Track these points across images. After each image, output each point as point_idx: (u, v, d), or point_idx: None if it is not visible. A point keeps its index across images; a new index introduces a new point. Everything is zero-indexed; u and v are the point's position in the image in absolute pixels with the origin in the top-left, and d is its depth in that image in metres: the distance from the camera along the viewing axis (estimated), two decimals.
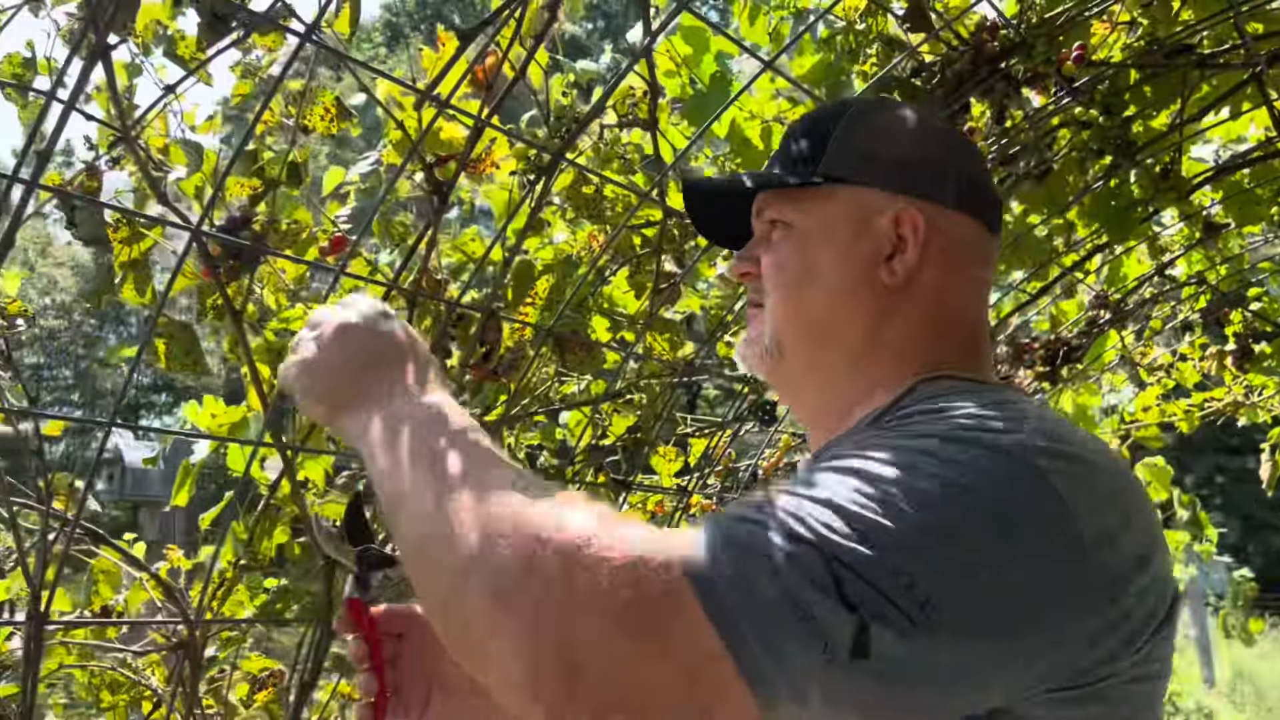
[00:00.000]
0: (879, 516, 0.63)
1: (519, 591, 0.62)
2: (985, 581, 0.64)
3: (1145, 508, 0.77)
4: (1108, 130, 1.75)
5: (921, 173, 0.93)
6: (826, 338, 0.92)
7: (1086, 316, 2.72)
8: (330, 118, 1.33)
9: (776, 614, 0.60)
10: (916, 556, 0.62)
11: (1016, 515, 0.67)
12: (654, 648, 0.60)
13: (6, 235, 1.08)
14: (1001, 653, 0.65)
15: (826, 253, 0.92)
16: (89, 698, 1.81)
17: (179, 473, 1.63)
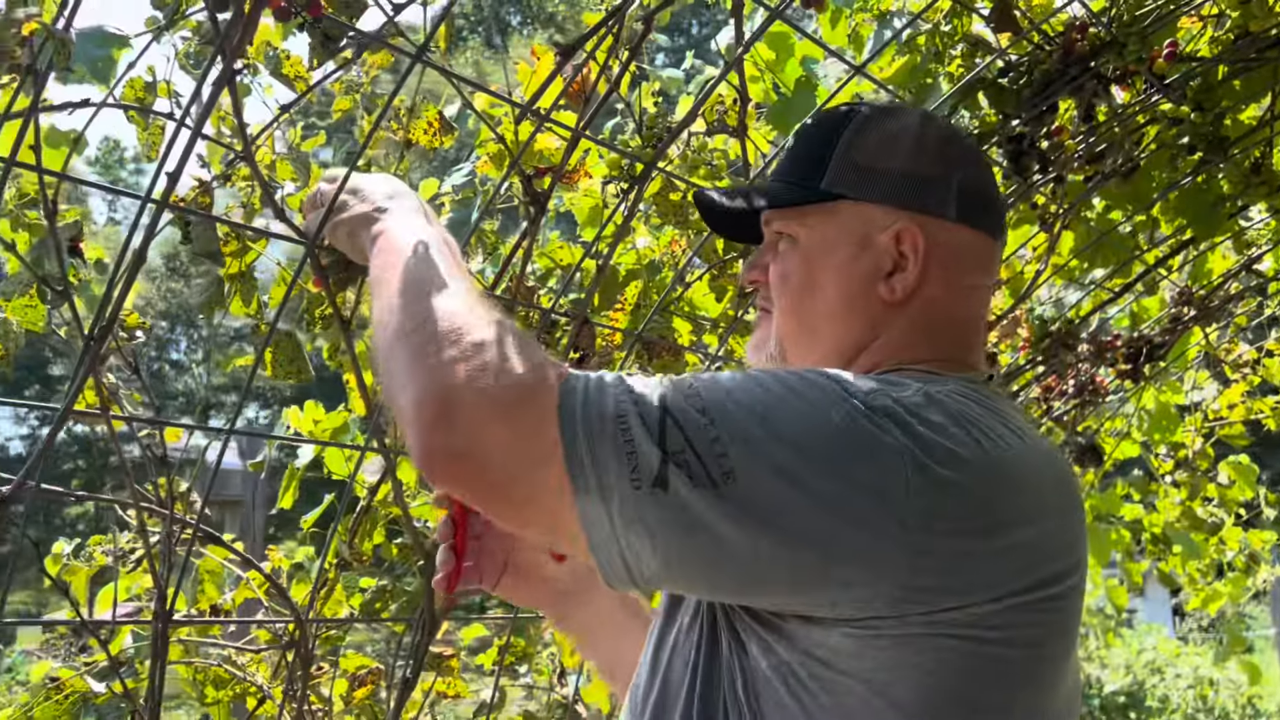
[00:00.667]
0: (726, 402, 0.76)
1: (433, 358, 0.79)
2: (786, 482, 0.73)
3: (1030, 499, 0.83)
4: (1199, 126, 1.73)
5: (923, 187, 0.95)
6: (822, 346, 0.98)
7: (1170, 313, 2.68)
8: (433, 132, 1.37)
9: (607, 432, 0.73)
10: (737, 438, 0.74)
11: (846, 447, 0.75)
12: (507, 417, 0.75)
13: (140, 250, 1.13)
14: (777, 552, 0.74)
15: (828, 268, 0.97)
16: (194, 693, 1.87)
17: (285, 476, 1.68)
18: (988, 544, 0.78)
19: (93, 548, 1.81)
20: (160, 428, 1.34)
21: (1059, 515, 0.85)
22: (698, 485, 0.72)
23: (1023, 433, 0.86)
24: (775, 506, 0.73)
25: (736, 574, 0.75)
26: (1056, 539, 0.84)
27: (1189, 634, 12.34)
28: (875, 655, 0.76)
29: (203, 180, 1.44)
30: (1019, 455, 0.83)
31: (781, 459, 0.73)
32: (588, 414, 0.74)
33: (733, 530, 0.72)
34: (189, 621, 1.54)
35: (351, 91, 1.55)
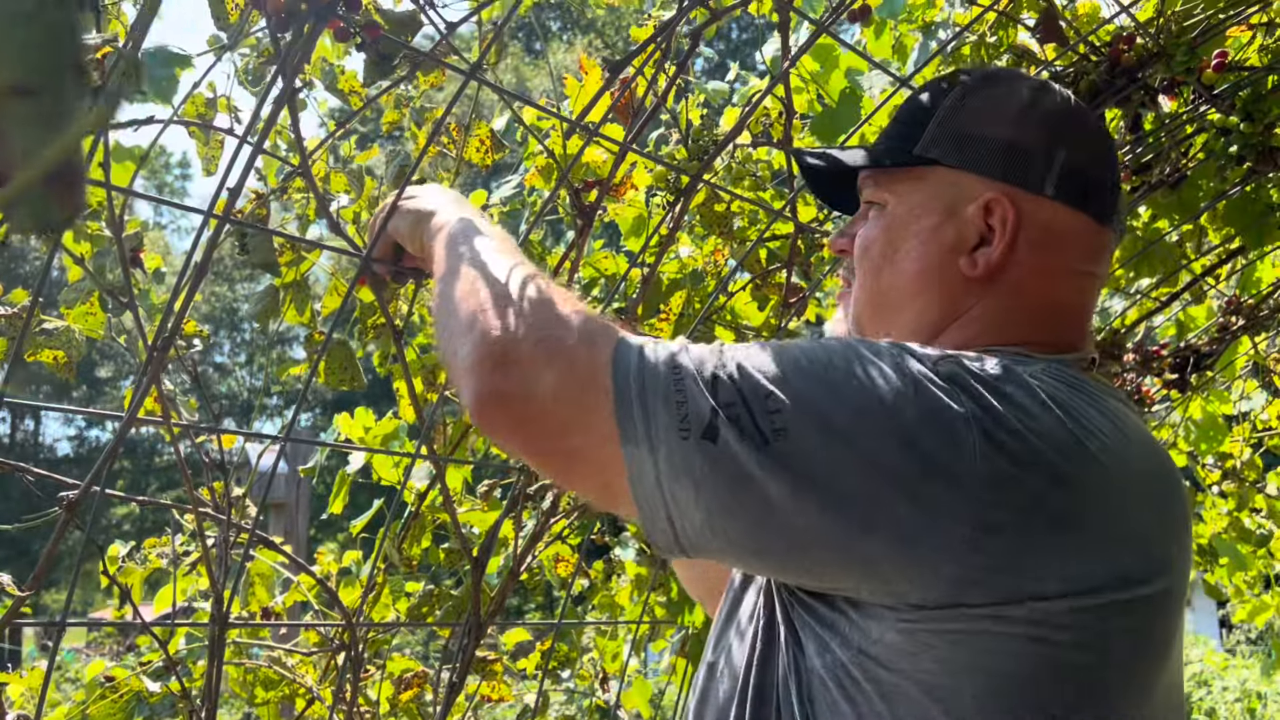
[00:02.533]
0: (783, 361, 0.74)
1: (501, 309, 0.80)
2: (841, 443, 0.70)
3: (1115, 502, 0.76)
4: (1249, 136, 1.71)
5: (1020, 158, 0.88)
6: (900, 322, 0.92)
7: (1218, 323, 2.65)
8: (485, 149, 1.40)
9: (659, 383, 0.73)
10: (792, 395, 0.72)
11: (907, 411, 0.71)
12: (566, 366, 0.75)
13: (202, 263, 1.16)
14: (825, 515, 0.70)
15: (909, 237, 0.91)
16: (244, 694, 1.91)
17: (335, 481, 1.72)
18: (1061, 533, 0.72)
19: (148, 550, 1.86)
20: (218, 434, 1.37)
21: (1152, 511, 0.79)
22: (747, 439, 0.70)
23: (1120, 420, 0.80)
24: (826, 467, 0.70)
25: (782, 537, 0.72)
26: (1146, 536, 0.78)
27: (1236, 646, 12.12)
28: (931, 653, 0.71)
29: (259, 193, 1.48)
30: (1109, 444, 0.76)
31: (837, 419, 0.71)
32: (642, 366, 0.74)
33: (780, 488, 0.69)
34: (245, 624, 1.57)
35: (402, 106, 1.59)
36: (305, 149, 1.17)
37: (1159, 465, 0.83)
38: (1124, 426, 0.79)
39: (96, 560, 1.58)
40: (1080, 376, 0.83)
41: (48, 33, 0.28)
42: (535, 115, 1.69)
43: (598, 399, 0.73)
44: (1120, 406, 0.83)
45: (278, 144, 1.52)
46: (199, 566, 1.70)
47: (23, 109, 0.30)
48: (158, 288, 1.60)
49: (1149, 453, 0.82)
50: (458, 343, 0.81)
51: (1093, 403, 0.78)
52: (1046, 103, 0.92)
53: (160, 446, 26.04)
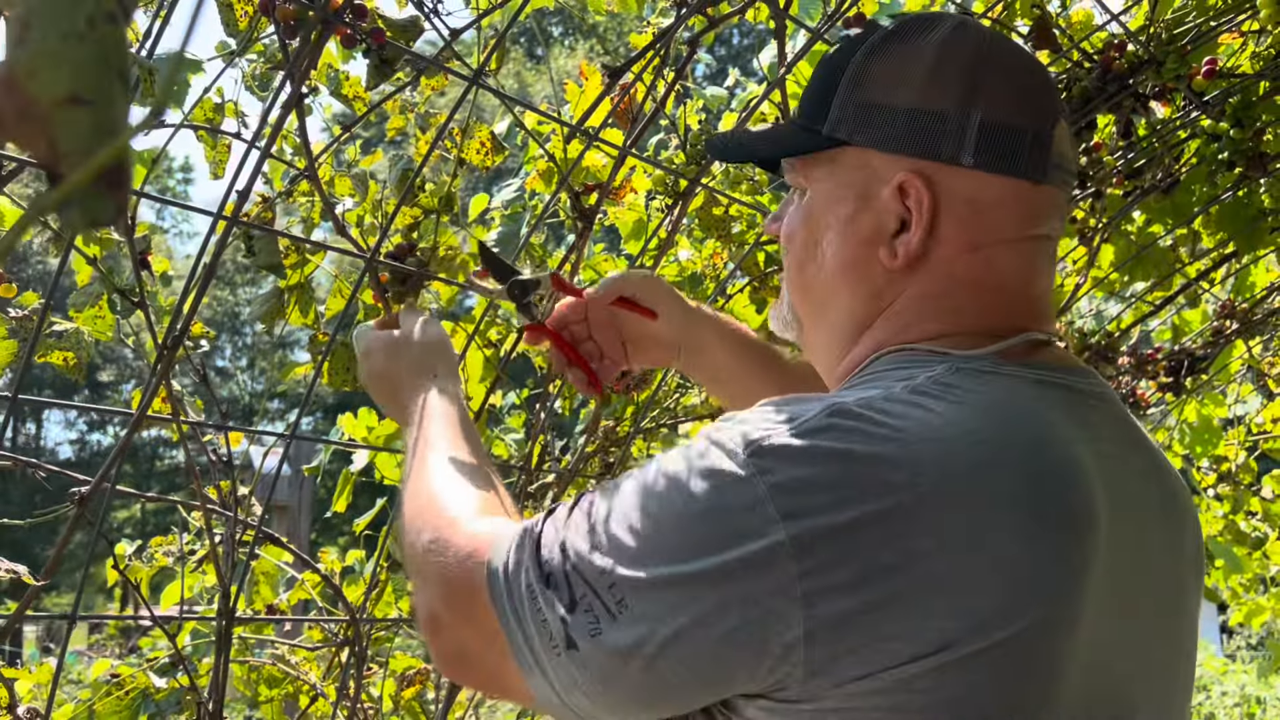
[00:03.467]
0: (614, 525, 0.70)
1: (412, 575, 0.87)
2: (668, 588, 0.67)
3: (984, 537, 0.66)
4: (1239, 142, 1.74)
5: (929, 127, 0.79)
6: (828, 320, 0.88)
7: (1212, 326, 2.68)
8: (486, 151, 1.42)
9: (525, 609, 0.72)
10: (622, 561, 0.68)
11: (713, 532, 0.66)
12: (466, 620, 0.77)
13: (210, 264, 1.19)
14: (682, 657, 0.67)
15: (828, 229, 0.84)
16: (248, 692, 1.93)
17: (339, 480, 1.74)
18: (896, 588, 0.64)
19: (154, 549, 1.88)
20: (225, 432, 1.40)
21: (1027, 533, 0.67)
22: (602, 624, 0.68)
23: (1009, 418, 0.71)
24: (664, 614, 0.67)
25: (663, 694, 0.70)
26: (1029, 561, 0.66)
27: (1236, 652, 12.13)
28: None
29: (265, 196, 1.51)
30: (960, 463, 0.67)
31: (659, 564, 0.67)
32: (511, 594, 0.73)
33: (637, 657, 0.67)
34: (251, 619, 1.60)
35: (406, 110, 1.62)
36: (312, 152, 1.19)
37: (1049, 468, 0.70)
38: (1010, 426, 0.71)
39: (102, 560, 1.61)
40: (985, 370, 0.75)
41: (100, 47, 0.31)
42: (536, 120, 1.72)
43: (499, 641, 0.74)
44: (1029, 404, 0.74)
45: (283, 148, 1.55)
46: (205, 564, 1.72)
47: (78, 117, 0.33)
48: (164, 290, 1.63)
49: (1036, 456, 0.70)
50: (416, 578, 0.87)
51: (972, 408, 0.70)
52: (956, 53, 0.80)
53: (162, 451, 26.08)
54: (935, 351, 0.79)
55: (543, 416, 1.74)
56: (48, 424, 26.71)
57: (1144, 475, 0.81)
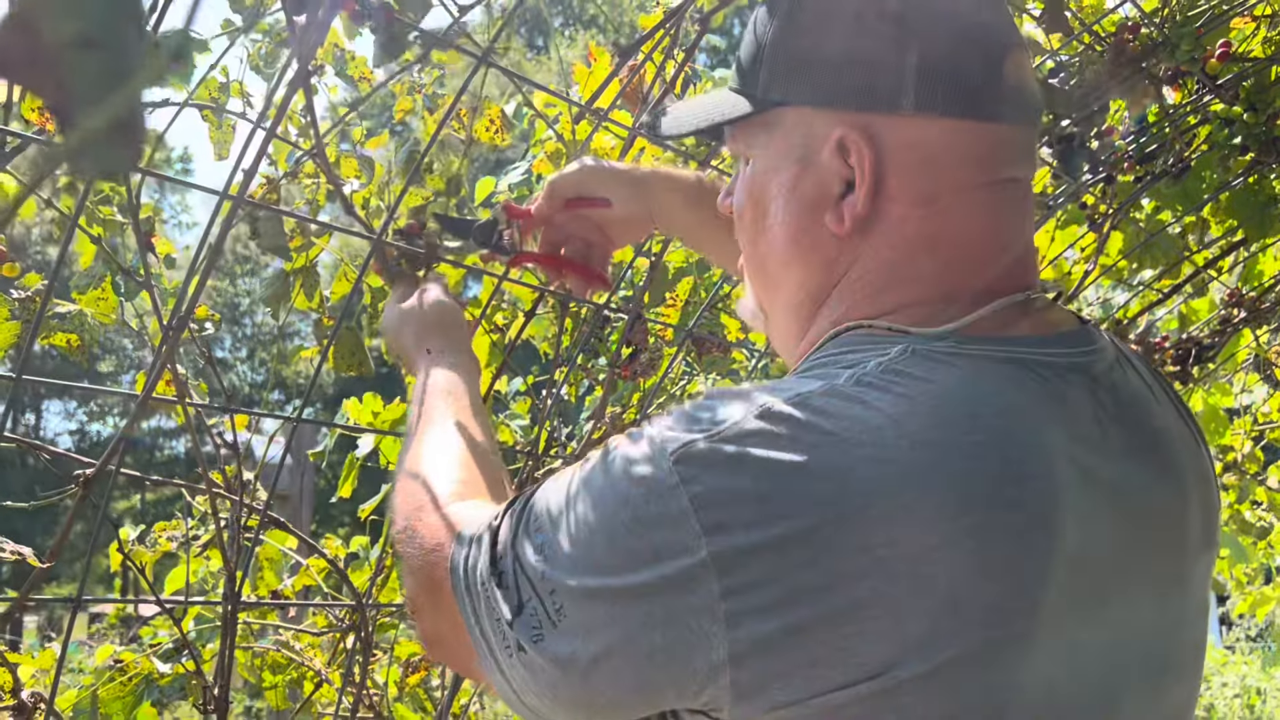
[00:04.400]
0: (558, 521, 0.68)
1: (399, 553, 0.85)
2: (597, 599, 0.64)
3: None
4: (1252, 127, 1.73)
5: (862, 75, 0.72)
6: (780, 295, 0.81)
7: (1219, 315, 2.66)
8: (495, 130, 1.41)
9: (481, 607, 0.71)
10: (559, 568, 0.66)
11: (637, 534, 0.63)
12: (435, 608, 0.77)
13: (216, 244, 1.18)
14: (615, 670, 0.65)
15: (773, 198, 0.78)
16: (251, 678, 1.93)
17: (345, 466, 1.73)
18: (822, 610, 0.59)
19: (158, 534, 1.87)
20: (230, 416, 1.38)
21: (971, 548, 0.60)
22: (544, 630, 0.66)
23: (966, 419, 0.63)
24: (596, 627, 0.64)
25: (604, 704, 0.67)
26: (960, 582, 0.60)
27: (1236, 643, 12.14)
28: None
29: (270, 178, 1.49)
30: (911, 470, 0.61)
31: (591, 574, 0.65)
32: (469, 590, 0.72)
33: (574, 667, 0.65)
34: (257, 604, 1.59)
35: (414, 92, 1.60)
36: (319, 131, 1.18)
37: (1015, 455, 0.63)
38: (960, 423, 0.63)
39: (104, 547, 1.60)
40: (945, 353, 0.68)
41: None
42: (545, 102, 1.70)
43: (466, 635, 0.73)
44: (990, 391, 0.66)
45: (288, 129, 1.54)
46: (209, 550, 1.71)
47: (88, 60, 0.31)
48: (168, 273, 1.62)
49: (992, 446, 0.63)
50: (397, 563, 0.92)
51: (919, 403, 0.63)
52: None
53: (162, 442, 26.08)
54: (894, 330, 0.72)
55: (549, 403, 1.73)
56: (47, 414, 26.70)
57: (1134, 457, 0.72)
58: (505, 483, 0.93)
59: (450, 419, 0.98)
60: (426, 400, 1.02)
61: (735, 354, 2.09)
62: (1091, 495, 0.67)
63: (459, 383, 1.05)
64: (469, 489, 0.87)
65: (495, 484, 0.90)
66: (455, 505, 0.83)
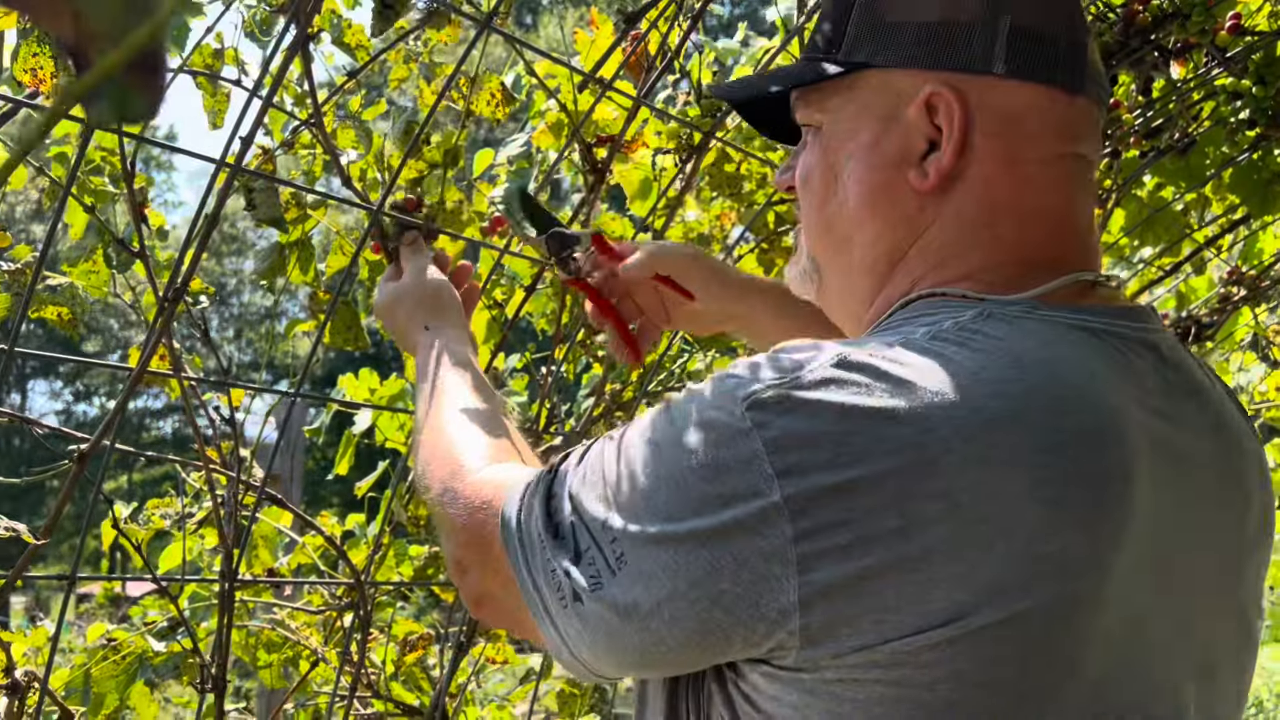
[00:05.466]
0: (617, 471, 0.68)
1: (437, 521, 0.87)
2: (664, 546, 0.64)
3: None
4: (1261, 100, 1.71)
5: (956, 36, 0.73)
6: (849, 255, 0.80)
7: (1218, 293, 2.66)
8: (496, 102, 1.38)
9: (536, 559, 0.71)
10: (621, 514, 0.66)
11: (707, 478, 0.63)
12: (484, 566, 0.79)
13: (213, 214, 1.15)
14: (678, 617, 0.64)
15: (849, 157, 0.78)
16: (246, 657, 1.91)
17: (341, 443, 1.71)
18: (899, 554, 0.60)
19: (150, 511, 1.85)
20: (227, 390, 1.36)
21: (1050, 499, 0.62)
22: (603, 579, 0.66)
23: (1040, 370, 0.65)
24: (660, 573, 0.64)
25: (663, 653, 0.67)
26: (1038, 532, 0.61)
27: None
28: (792, 700, 0.64)
29: (266, 148, 1.46)
30: (990, 418, 0.61)
31: (658, 521, 0.64)
32: (522, 544, 0.72)
33: (636, 615, 0.65)
34: (254, 581, 1.57)
35: (409, 61, 1.57)
36: (317, 98, 1.15)
37: (1092, 416, 0.65)
38: (1038, 376, 0.64)
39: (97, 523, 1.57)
40: (1020, 315, 0.69)
41: None
42: (543, 72, 1.67)
43: (517, 591, 0.73)
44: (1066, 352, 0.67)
45: (284, 99, 1.50)
46: (203, 528, 1.69)
47: None
48: (161, 245, 1.58)
49: (1071, 403, 0.64)
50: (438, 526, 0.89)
51: (996, 356, 0.64)
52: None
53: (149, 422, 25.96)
54: (970, 296, 0.72)
55: (549, 380, 1.71)
56: (33, 394, 26.53)
57: (1200, 434, 0.73)
58: (529, 448, 0.94)
59: (465, 389, 0.99)
60: (436, 373, 1.02)
61: None
62: (1163, 465, 0.68)
63: (464, 357, 1.05)
64: (503, 452, 0.88)
65: (524, 448, 0.92)
66: (494, 466, 0.84)
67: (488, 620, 0.87)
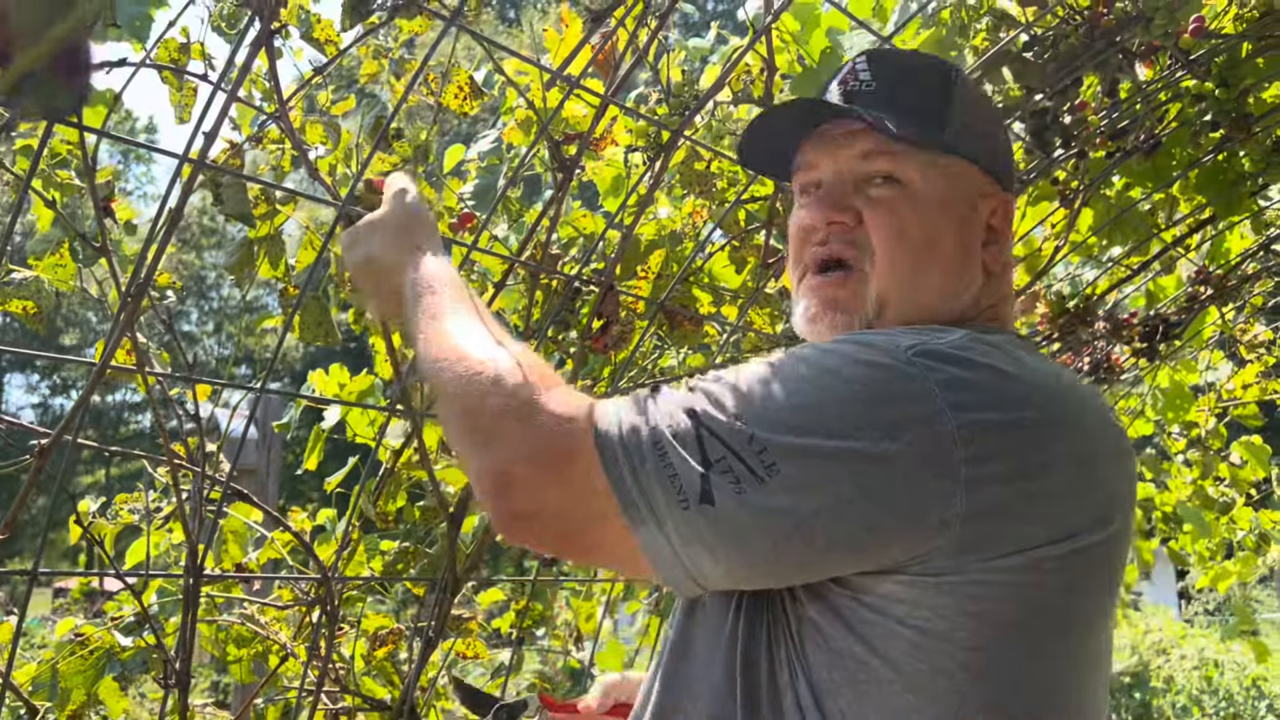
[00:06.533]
0: (754, 398, 0.77)
1: (476, 436, 0.83)
2: (827, 457, 0.74)
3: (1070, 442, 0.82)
4: (1224, 103, 1.73)
5: (1006, 160, 0.98)
6: (924, 309, 0.92)
7: (1186, 292, 2.68)
8: (464, 96, 1.38)
9: (648, 463, 0.76)
10: (772, 428, 0.75)
11: (878, 407, 0.75)
12: (556, 478, 0.79)
13: (176, 209, 1.15)
14: (833, 526, 0.74)
15: (946, 227, 0.93)
16: (216, 652, 1.90)
17: (310, 438, 1.70)
18: (1042, 485, 0.77)
19: (119, 507, 1.84)
20: (191, 387, 1.36)
21: (1107, 458, 0.84)
22: (745, 485, 0.73)
23: (1062, 378, 0.87)
24: (822, 482, 0.73)
25: (798, 560, 0.76)
26: (1109, 481, 0.84)
27: (1194, 617, 12.38)
28: (929, 604, 0.76)
29: (233, 142, 1.46)
30: (1065, 397, 0.83)
31: (818, 436, 0.74)
32: (628, 452, 0.76)
33: (785, 520, 0.73)
34: (220, 577, 1.57)
35: (379, 56, 1.56)
36: (282, 94, 1.15)
37: (1104, 414, 0.89)
38: (1065, 382, 0.87)
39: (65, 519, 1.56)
40: (1028, 345, 0.93)
41: None
42: (514, 71, 1.67)
43: (599, 499, 0.77)
44: (1059, 367, 0.93)
45: (252, 94, 1.50)
46: (172, 523, 1.68)
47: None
48: (129, 239, 1.58)
49: (1093, 403, 0.88)
50: (461, 455, 0.88)
51: (1045, 363, 0.88)
52: (994, 106, 1.03)
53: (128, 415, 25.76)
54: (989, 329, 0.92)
55: None
56: (9, 388, 26.27)
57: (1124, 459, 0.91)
58: None
59: (487, 314, 0.95)
60: (446, 288, 0.97)
61: (707, 328, 2.08)
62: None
63: (461, 280, 1.01)
64: (554, 376, 0.86)
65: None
66: (562, 389, 0.84)
67: (526, 536, 0.83)
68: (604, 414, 0.80)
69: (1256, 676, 7.74)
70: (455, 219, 1.54)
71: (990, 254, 0.95)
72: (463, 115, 1.38)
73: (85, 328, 23.16)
